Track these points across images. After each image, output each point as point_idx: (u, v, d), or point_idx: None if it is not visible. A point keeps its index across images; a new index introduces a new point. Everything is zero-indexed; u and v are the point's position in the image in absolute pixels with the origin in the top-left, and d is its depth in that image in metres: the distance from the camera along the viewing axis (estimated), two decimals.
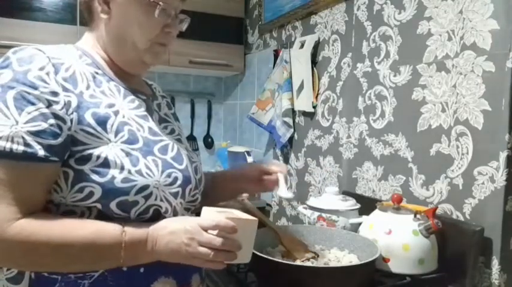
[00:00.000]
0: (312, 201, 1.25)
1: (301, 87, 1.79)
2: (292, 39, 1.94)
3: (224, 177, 1.08)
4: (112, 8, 0.78)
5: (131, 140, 0.73)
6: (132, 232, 0.69)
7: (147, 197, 0.72)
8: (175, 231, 0.70)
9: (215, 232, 0.68)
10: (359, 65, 1.51)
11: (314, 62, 1.76)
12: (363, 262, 0.90)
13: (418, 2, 1.26)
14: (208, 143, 2.70)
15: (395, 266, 0.99)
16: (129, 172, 0.70)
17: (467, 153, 1.10)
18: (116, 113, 0.74)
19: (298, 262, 0.95)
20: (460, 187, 1.12)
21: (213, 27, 2.29)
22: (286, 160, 2.00)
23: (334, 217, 1.18)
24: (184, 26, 0.86)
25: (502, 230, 1.03)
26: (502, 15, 1.02)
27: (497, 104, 1.03)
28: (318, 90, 1.74)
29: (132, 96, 0.81)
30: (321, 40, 1.74)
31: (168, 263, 0.72)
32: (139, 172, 0.71)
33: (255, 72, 2.33)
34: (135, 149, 0.73)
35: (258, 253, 0.88)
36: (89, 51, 0.80)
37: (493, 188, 1.04)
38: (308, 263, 0.95)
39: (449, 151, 1.15)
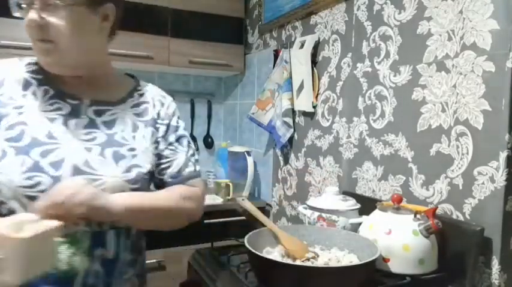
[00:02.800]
0: (312, 201, 1.25)
1: (301, 87, 1.79)
2: (292, 39, 1.94)
3: None
4: None
5: (16, 139, 0.77)
6: None
7: None
8: None
9: None
10: (359, 65, 1.51)
11: (314, 62, 1.76)
12: (363, 262, 0.90)
13: (418, 2, 1.26)
14: (208, 143, 2.70)
15: (395, 266, 0.99)
16: None
17: (467, 153, 1.10)
18: (20, 113, 0.79)
19: (298, 262, 0.95)
20: (460, 187, 1.12)
21: (213, 27, 2.29)
22: (286, 160, 2.00)
23: (334, 217, 1.18)
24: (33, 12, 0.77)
25: (502, 230, 1.03)
26: (502, 15, 1.02)
27: (497, 104, 1.03)
28: (318, 90, 1.74)
29: (56, 100, 0.84)
30: (321, 40, 1.74)
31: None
32: None
33: (255, 72, 2.33)
34: (14, 146, 0.76)
35: (258, 253, 0.88)
36: None
37: (493, 188, 1.04)
38: (308, 263, 0.95)
39: (449, 151, 1.15)
